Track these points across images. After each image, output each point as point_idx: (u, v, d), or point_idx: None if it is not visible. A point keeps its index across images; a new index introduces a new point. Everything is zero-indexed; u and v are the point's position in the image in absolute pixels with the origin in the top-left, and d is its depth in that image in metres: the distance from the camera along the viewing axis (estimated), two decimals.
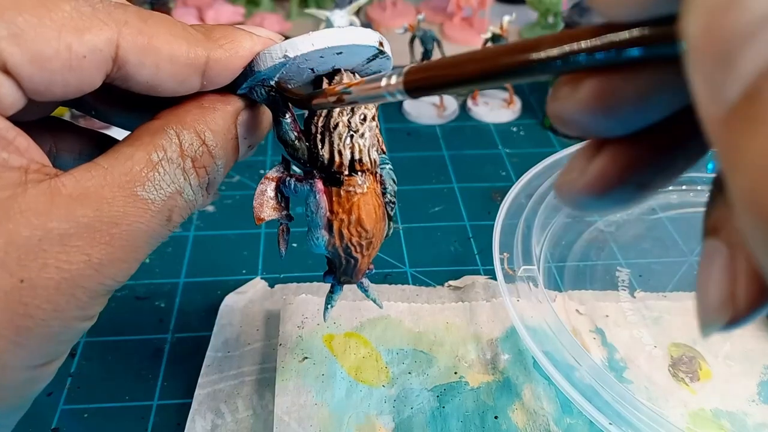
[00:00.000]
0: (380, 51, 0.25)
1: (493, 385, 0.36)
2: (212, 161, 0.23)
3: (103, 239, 0.19)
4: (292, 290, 0.43)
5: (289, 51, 0.23)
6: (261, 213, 0.27)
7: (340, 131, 0.25)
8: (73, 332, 0.20)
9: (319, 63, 0.25)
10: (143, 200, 0.20)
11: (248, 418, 0.36)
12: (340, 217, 0.26)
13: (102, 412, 0.37)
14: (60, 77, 0.19)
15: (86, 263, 0.19)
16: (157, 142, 0.21)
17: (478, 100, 0.66)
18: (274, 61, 0.23)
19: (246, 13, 0.86)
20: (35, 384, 0.20)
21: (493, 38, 0.61)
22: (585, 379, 0.32)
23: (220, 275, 0.46)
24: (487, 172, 0.57)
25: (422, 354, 0.38)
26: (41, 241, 0.18)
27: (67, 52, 0.19)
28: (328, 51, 0.24)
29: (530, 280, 0.38)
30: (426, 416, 0.35)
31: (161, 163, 0.21)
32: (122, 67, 0.20)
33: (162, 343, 0.41)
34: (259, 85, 0.24)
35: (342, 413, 0.35)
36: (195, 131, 0.22)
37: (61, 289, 0.19)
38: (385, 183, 0.27)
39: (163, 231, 0.22)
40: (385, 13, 0.85)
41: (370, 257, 0.28)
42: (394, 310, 0.41)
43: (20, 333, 0.18)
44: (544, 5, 0.80)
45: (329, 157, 0.25)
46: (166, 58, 0.21)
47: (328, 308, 0.32)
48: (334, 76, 0.25)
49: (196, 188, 0.23)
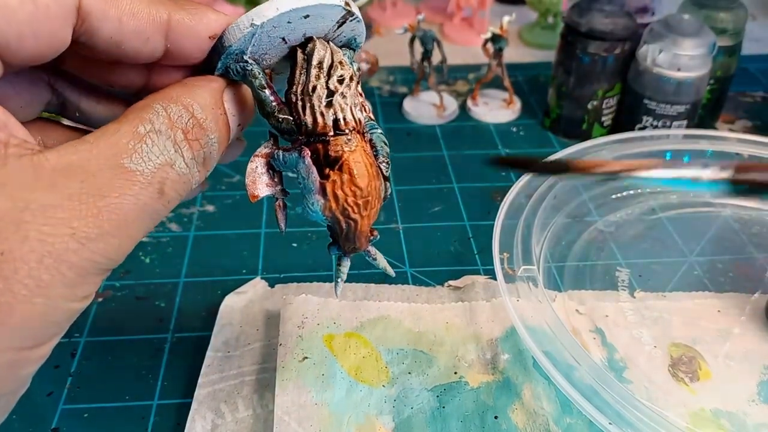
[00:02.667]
0: (348, 11, 0.25)
1: (493, 385, 0.36)
2: (204, 133, 0.23)
3: (90, 212, 0.19)
4: (292, 290, 0.43)
5: (255, 19, 0.23)
6: (255, 190, 0.26)
7: (318, 93, 0.25)
8: (61, 313, 0.19)
9: (289, 31, 0.24)
10: (130, 171, 0.20)
11: (248, 418, 0.36)
12: (333, 179, 0.25)
13: (102, 411, 0.37)
14: (29, 30, 0.19)
15: (71, 236, 0.18)
16: (143, 116, 0.21)
17: (478, 100, 0.66)
18: (242, 32, 0.23)
19: None
20: (22, 368, 0.19)
21: (492, 38, 0.61)
22: (585, 379, 0.32)
23: (220, 275, 0.46)
24: (487, 172, 0.57)
25: (422, 354, 0.38)
26: (23, 213, 0.18)
27: (32, 3, 0.19)
28: (294, 15, 0.24)
29: (530, 280, 0.38)
30: (426, 416, 0.35)
31: (149, 135, 0.21)
32: (86, 19, 0.21)
33: (162, 343, 0.41)
34: (234, 62, 0.24)
35: (342, 413, 0.35)
36: (182, 104, 0.22)
37: (44, 263, 0.18)
38: (376, 145, 0.27)
39: (156, 206, 0.21)
40: (385, 13, 0.85)
41: (369, 218, 0.27)
42: (394, 310, 0.41)
43: (1, 310, 0.18)
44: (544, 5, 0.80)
45: (312, 120, 0.25)
46: (128, 12, 0.21)
47: (338, 281, 0.31)
48: (307, 44, 0.25)
49: (189, 161, 0.22)
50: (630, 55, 0.58)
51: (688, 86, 0.55)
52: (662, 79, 0.55)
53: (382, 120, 0.64)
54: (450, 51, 0.65)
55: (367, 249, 0.29)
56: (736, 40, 0.60)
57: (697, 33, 0.54)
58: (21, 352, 0.19)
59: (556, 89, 0.62)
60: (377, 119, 0.26)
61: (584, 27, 0.57)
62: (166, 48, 0.23)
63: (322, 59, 0.25)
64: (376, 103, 0.67)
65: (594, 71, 0.58)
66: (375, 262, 0.31)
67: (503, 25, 0.60)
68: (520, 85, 0.71)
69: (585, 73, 0.58)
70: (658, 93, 0.56)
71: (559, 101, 0.62)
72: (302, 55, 0.25)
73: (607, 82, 0.59)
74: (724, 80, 0.61)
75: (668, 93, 0.55)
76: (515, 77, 0.71)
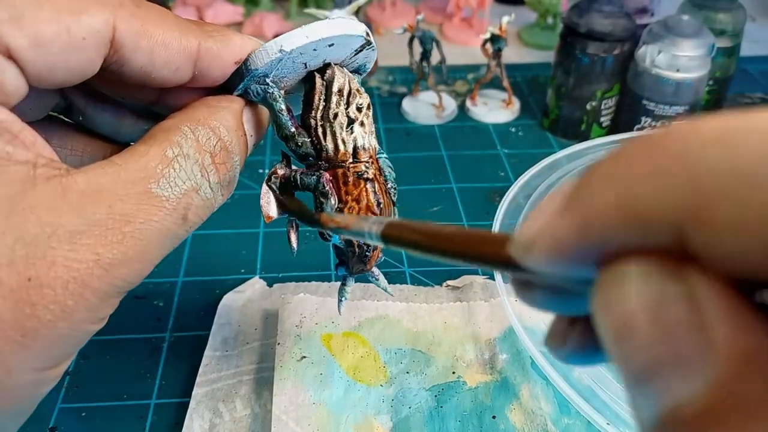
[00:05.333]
0: (367, 41, 0.26)
1: (491, 385, 0.36)
2: (230, 156, 0.23)
3: (115, 238, 0.19)
4: (290, 289, 0.43)
5: (285, 45, 0.24)
6: (270, 211, 0.27)
7: (340, 121, 0.26)
8: (82, 335, 0.20)
9: (312, 57, 0.25)
10: (157, 197, 0.20)
11: (246, 417, 0.36)
12: (350, 205, 0.26)
13: (100, 410, 0.37)
14: (62, 60, 0.19)
15: (96, 262, 0.19)
16: (172, 139, 0.21)
17: (477, 100, 0.66)
18: (270, 57, 0.24)
19: (245, 13, 0.86)
20: (41, 387, 0.20)
21: (492, 39, 0.61)
22: (583, 380, 0.32)
23: (218, 274, 0.46)
24: (486, 172, 0.57)
25: (420, 354, 0.38)
26: (50, 239, 0.18)
27: (67, 34, 0.19)
28: (321, 43, 0.24)
29: None
30: (424, 416, 0.35)
31: (177, 159, 0.21)
32: (118, 50, 0.21)
33: (160, 342, 0.41)
34: (255, 83, 0.25)
35: (340, 412, 0.35)
36: (210, 127, 0.22)
37: (69, 289, 0.18)
38: (384, 171, 0.28)
39: (179, 231, 0.21)
40: (384, 13, 0.85)
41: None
42: (393, 310, 0.41)
43: (26, 334, 0.18)
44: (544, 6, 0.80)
45: (333, 147, 0.26)
46: (160, 43, 0.21)
47: (342, 300, 0.32)
48: (326, 70, 0.26)
49: (215, 185, 0.22)
50: (629, 56, 0.58)
51: (687, 87, 0.55)
52: (661, 80, 0.55)
53: (382, 120, 0.64)
54: (449, 51, 0.65)
55: (372, 270, 0.30)
56: (735, 41, 0.60)
57: (696, 34, 0.54)
58: (42, 372, 0.19)
59: (555, 90, 0.62)
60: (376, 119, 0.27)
61: (583, 28, 0.57)
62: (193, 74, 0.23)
63: (342, 87, 0.26)
64: (376, 103, 0.67)
65: (593, 72, 0.58)
66: (377, 282, 0.32)
67: (502, 25, 0.60)
68: (519, 85, 0.71)
69: (584, 73, 0.59)
70: (657, 94, 0.56)
71: (558, 102, 0.62)
72: (321, 80, 0.26)
73: (606, 83, 0.59)
74: (723, 81, 0.62)
75: (667, 94, 0.55)
76: (514, 78, 0.71)
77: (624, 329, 0.11)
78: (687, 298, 0.10)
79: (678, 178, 0.10)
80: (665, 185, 0.10)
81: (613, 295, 0.11)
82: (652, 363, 0.10)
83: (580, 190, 0.12)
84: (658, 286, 0.11)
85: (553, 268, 0.13)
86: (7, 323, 0.17)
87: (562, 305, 0.15)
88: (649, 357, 0.10)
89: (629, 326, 0.11)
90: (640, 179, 0.11)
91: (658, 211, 0.10)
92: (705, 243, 0.10)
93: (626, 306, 0.11)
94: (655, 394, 0.10)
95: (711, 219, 0.10)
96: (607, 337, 0.11)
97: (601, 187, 0.11)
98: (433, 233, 0.17)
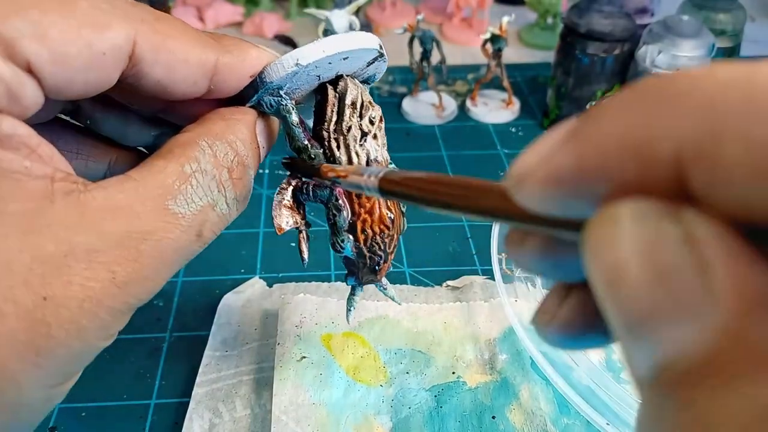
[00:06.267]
0: (380, 54, 0.26)
1: (490, 385, 0.36)
2: (246, 171, 0.23)
3: (131, 255, 0.19)
4: (290, 290, 0.43)
5: (301, 59, 0.24)
6: (281, 222, 0.27)
7: (354, 134, 0.26)
8: (93, 351, 0.20)
9: (326, 69, 0.25)
10: (173, 214, 0.20)
11: (246, 417, 0.36)
12: (363, 217, 0.26)
13: (100, 411, 0.37)
14: (81, 75, 0.19)
15: (111, 281, 0.18)
16: (190, 154, 0.21)
17: (477, 100, 0.66)
18: (286, 70, 0.24)
19: (245, 13, 0.86)
20: (49, 403, 0.20)
21: (492, 39, 0.61)
22: (582, 380, 0.32)
23: (218, 274, 0.46)
24: (486, 172, 0.57)
25: (420, 354, 0.38)
26: (67, 257, 0.18)
27: (88, 49, 0.19)
28: (336, 57, 0.24)
29: (528, 281, 0.38)
30: (423, 416, 0.35)
31: (194, 175, 0.21)
32: (137, 64, 0.20)
33: (160, 342, 0.41)
34: (268, 95, 0.25)
35: (340, 413, 0.35)
36: (227, 141, 0.22)
37: (84, 308, 0.18)
38: None
39: (193, 247, 0.21)
40: (384, 13, 0.85)
41: (393, 253, 0.29)
42: (393, 310, 0.41)
43: (40, 353, 0.18)
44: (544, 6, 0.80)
45: (347, 160, 0.26)
46: (179, 58, 0.21)
47: (351, 310, 0.32)
48: (338, 82, 0.26)
49: (231, 201, 0.22)
50: (629, 56, 0.58)
51: None
52: None
53: None
54: (449, 51, 0.65)
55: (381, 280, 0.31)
56: (734, 41, 0.60)
57: (696, 34, 0.54)
58: (54, 388, 0.19)
59: (555, 90, 0.62)
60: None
61: (583, 28, 0.57)
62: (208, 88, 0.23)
63: (355, 99, 0.26)
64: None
65: (593, 72, 0.58)
66: (386, 291, 0.32)
67: (502, 25, 0.60)
68: (519, 85, 0.71)
69: (584, 73, 0.59)
70: None
71: (558, 102, 0.62)
72: (334, 92, 0.26)
73: (606, 83, 0.59)
74: None
75: None
76: (514, 78, 0.71)
77: (616, 273, 0.10)
78: (685, 238, 0.10)
79: (687, 110, 0.10)
80: (673, 116, 0.10)
81: (605, 236, 0.11)
82: (648, 310, 0.10)
83: (584, 122, 0.11)
84: (654, 226, 0.10)
85: (545, 204, 0.12)
86: (21, 343, 0.17)
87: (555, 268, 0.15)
88: (644, 304, 0.10)
89: (622, 270, 0.10)
90: (647, 111, 0.10)
91: (662, 144, 0.10)
92: (707, 182, 0.10)
93: (619, 247, 0.10)
94: (651, 345, 0.10)
95: (717, 155, 0.09)
96: (599, 284, 0.11)
97: (606, 119, 0.11)
98: (431, 183, 0.17)
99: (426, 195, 0.17)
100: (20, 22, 0.18)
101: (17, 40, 0.17)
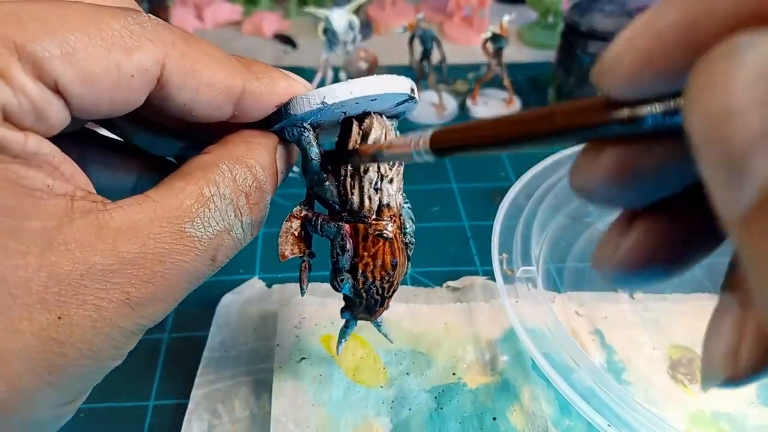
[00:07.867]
0: (411, 97, 0.26)
1: (491, 387, 0.36)
2: (264, 196, 0.23)
3: (146, 277, 0.19)
4: (289, 290, 0.43)
5: (328, 98, 0.23)
6: (285, 250, 0.27)
7: (370, 176, 0.25)
8: (103, 371, 0.20)
9: (353, 107, 0.25)
10: (189, 237, 0.20)
11: (245, 418, 0.35)
12: (366, 261, 0.26)
13: (98, 412, 0.37)
14: (107, 96, 0.19)
15: (125, 302, 0.19)
16: (210, 177, 0.21)
17: (478, 99, 0.66)
18: (311, 107, 0.23)
19: (244, 12, 0.85)
20: (59, 421, 0.20)
21: (492, 38, 0.61)
22: (584, 381, 0.32)
23: (217, 275, 0.45)
24: (486, 172, 0.57)
25: (420, 355, 0.38)
26: (83, 277, 0.18)
27: (116, 71, 0.19)
28: (364, 98, 0.24)
29: (529, 281, 0.37)
30: (424, 417, 0.35)
31: (213, 198, 0.21)
32: (164, 87, 0.20)
33: (158, 343, 0.41)
34: (291, 126, 0.24)
35: (339, 414, 0.35)
36: (247, 166, 0.22)
37: (97, 328, 0.18)
38: (405, 223, 0.28)
39: (206, 271, 0.21)
40: (384, 12, 0.85)
41: (391, 298, 0.28)
42: (393, 311, 0.41)
43: (53, 372, 0.18)
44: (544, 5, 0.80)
45: (359, 202, 0.25)
46: (206, 82, 0.21)
47: (342, 342, 0.32)
48: (364, 118, 0.25)
49: (247, 226, 0.22)
50: None
51: None
52: None
53: None
54: (449, 50, 0.65)
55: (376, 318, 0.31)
56: None
57: None
58: (64, 406, 0.19)
59: (556, 89, 0.61)
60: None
61: (585, 27, 0.56)
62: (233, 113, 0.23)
63: (378, 140, 0.25)
64: None
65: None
66: (379, 327, 0.32)
67: (503, 24, 0.60)
68: (519, 84, 0.70)
69: (585, 73, 0.58)
70: None
71: (559, 101, 0.61)
72: (358, 129, 0.25)
73: None
74: None
75: None
76: (515, 77, 0.71)
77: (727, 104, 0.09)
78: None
79: None
80: None
81: (719, 67, 0.10)
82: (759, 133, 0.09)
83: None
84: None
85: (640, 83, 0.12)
86: (35, 360, 0.17)
87: (624, 192, 0.14)
88: (754, 131, 0.09)
89: (735, 99, 0.09)
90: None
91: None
92: None
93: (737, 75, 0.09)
94: (756, 173, 0.09)
95: None
96: (702, 124, 0.10)
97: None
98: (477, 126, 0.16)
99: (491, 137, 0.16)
100: (49, 42, 0.17)
101: (46, 60, 0.17)
